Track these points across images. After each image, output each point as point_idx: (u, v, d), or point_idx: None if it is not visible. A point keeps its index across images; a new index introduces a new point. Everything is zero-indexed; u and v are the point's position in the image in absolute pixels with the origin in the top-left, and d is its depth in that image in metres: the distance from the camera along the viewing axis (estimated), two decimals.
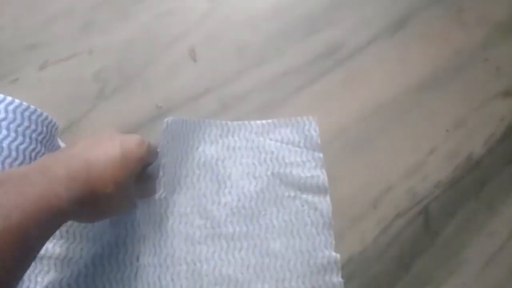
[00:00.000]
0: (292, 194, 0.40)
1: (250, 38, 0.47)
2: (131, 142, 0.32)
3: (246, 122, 0.43)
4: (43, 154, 0.35)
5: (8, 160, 0.32)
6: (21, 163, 0.32)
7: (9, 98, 0.33)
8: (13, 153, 0.32)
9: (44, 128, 0.35)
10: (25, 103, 0.34)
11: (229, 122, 0.43)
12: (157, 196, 0.38)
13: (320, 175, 0.41)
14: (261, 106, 0.44)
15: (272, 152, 0.42)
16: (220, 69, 0.45)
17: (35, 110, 0.34)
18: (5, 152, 0.32)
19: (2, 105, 0.33)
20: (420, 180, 0.42)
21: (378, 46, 0.48)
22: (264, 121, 0.43)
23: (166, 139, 0.39)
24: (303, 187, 0.40)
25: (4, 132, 0.32)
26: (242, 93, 0.44)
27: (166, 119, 0.40)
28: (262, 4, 0.49)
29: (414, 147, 0.44)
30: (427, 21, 0.50)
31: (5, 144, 0.32)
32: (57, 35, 0.45)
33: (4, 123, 0.33)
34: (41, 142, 0.34)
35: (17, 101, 0.33)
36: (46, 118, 0.35)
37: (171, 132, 0.40)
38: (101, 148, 0.30)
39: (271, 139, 0.42)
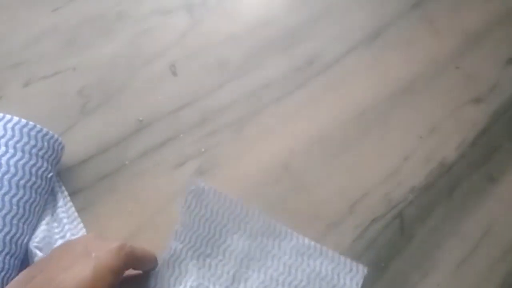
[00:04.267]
0: None
1: (230, 53, 0.50)
2: (107, 254, 0.31)
3: (295, 233, 0.41)
4: (47, 169, 0.37)
5: (7, 176, 0.34)
6: (21, 179, 0.35)
7: (8, 116, 0.36)
8: (12, 169, 0.35)
9: (45, 143, 0.37)
10: (23, 120, 0.36)
11: (278, 224, 0.41)
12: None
13: None
14: (241, 118, 0.46)
15: (301, 281, 0.39)
16: (200, 82, 0.48)
17: (34, 126, 0.37)
18: (4, 168, 0.34)
19: (1, 123, 0.36)
20: (395, 186, 0.44)
21: (355, 56, 0.52)
22: (313, 243, 0.41)
23: (195, 204, 0.40)
24: None
25: (3, 148, 0.35)
26: (222, 106, 0.47)
27: (199, 184, 0.40)
28: (242, 20, 0.52)
29: (389, 154, 0.46)
30: (401, 31, 0.54)
31: (3, 160, 0.35)
32: (41, 53, 0.47)
33: (3, 140, 0.35)
34: (42, 157, 0.37)
35: (15, 118, 0.36)
36: (46, 134, 0.37)
37: (205, 200, 0.40)
38: (70, 271, 0.30)
39: (308, 265, 0.40)
